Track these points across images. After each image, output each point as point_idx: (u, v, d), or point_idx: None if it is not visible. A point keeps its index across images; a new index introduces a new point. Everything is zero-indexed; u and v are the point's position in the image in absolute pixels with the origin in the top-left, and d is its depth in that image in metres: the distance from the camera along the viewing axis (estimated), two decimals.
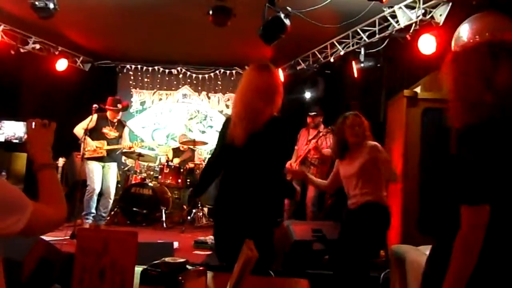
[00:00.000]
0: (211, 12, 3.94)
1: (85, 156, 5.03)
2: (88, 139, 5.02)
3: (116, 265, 0.98)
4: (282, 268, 3.83)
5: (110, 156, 5.19)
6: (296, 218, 5.31)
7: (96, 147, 5.02)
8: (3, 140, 6.11)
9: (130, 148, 5.35)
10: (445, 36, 4.00)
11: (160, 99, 7.49)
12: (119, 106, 5.26)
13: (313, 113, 5.37)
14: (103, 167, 5.16)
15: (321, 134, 5.06)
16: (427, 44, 4.28)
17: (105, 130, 5.18)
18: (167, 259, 1.01)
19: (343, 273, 3.23)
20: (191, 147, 6.26)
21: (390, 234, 3.68)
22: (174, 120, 7.42)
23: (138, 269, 1.05)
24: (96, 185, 5.06)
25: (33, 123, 1.31)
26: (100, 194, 5.19)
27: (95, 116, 5.12)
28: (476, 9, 3.67)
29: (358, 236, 2.92)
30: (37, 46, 6.19)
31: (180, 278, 0.93)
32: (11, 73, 6.29)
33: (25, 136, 5.26)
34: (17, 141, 5.90)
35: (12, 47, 5.86)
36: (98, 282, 0.99)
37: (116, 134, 5.25)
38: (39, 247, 1.54)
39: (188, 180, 6.05)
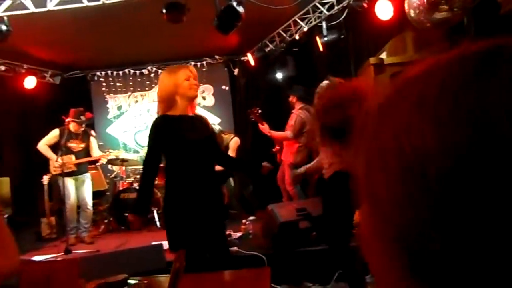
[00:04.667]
0: (164, 11, 3.91)
1: (56, 173, 5.02)
2: (53, 155, 4.99)
3: None
4: (272, 251, 3.93)
5: (80, 169, 5.12)
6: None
7: (64, 162, 4.84)
8: None
9: (99, 160, 5.28)
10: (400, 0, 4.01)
11: (136, 101, 7.46)
12: (83, 118, 5.07)
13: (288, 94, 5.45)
14: (76, 180, 5.11)
15: (292, 114, 5.11)
16: (384, 10, 4.30)
17: (71, 144, 5.02)
18: (109, 279, 1.06)
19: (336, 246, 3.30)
20: None
21: None
22: (153, 120, 7.40)
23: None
24: (72, 200, 5.00)
25: None
26: (79, 207, 5.19)
27: (56, 131, 5.05)
28: None
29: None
30: (2, 67, 6.13)
31: None
32: None
33: None
34: None
35: None
36: None
37: (83, 145, 5.14)
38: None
39: None
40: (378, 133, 0.31)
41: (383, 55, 5.02)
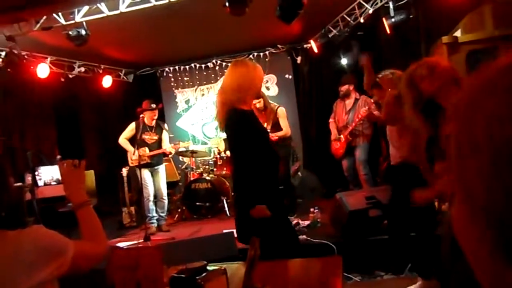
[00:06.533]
0: (227, 4, 3.97)
1: (133, 165, 5.34)
2: (131, 148, 5.29)
3: (148, 276, 1.12)
4: (341, 239, 3.90)
5: (155, 161, 5.38)
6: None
7: (139, 155, 5.13)
8: (42, 184, 6.10)
9: (169, 153, 5.52)
10: None
11: (203, 94, 7.70)
12: (153, 106, 5.31)
13: (341, 83, 5.40)
14: (152, 172, 5.41)
15: (359, 101, 4.99)
16: None
17: (145, 136, 5.32)
18: (190, 265, 1.13)
19: (401, 236, 3.23)
20: None
21: None
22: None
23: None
24: (150, 190, 5.33)
25: (64, 165, 1.36)
26: (155, 197, 5.48)
27: (133, 125, 5.35)
28: None
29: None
30: (82, 69, 6.64)
31: (199, 280, 1.05)
32: (65, 98, 6.83)
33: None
34: (55, 183, 6.05)
35: (61, 75, 6.37)
36: None
37: (156, 137, 5.39)
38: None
39: None
40: (469, 121, 0.32)
41: (457, 33, 4.70)
